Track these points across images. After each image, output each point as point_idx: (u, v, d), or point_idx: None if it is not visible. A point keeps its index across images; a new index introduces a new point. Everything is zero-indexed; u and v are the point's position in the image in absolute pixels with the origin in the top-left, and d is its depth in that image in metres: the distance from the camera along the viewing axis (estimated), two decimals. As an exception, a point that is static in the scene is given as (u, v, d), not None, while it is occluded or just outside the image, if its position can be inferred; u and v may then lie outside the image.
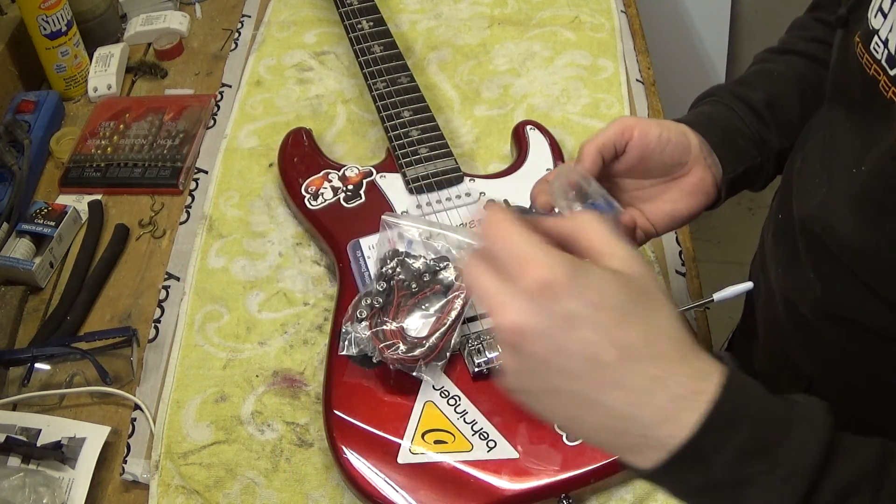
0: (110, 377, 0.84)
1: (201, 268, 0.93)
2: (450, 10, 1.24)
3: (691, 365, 0.44)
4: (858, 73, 0.61)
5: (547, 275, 0.43)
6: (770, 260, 0.76)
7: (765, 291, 0.77)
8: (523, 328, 0.43)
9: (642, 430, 0.43)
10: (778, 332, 0.75)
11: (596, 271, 0.45)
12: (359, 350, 0.76)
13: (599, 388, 0.43)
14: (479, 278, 0.46)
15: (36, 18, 1.08)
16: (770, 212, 0.80)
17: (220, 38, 1.24)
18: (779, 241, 0.74)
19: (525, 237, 0.46)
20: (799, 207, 0.69)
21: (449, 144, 0.95)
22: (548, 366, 0.44)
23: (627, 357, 0.43)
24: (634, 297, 0.44)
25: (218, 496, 0.76)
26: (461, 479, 0.72)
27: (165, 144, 1.06)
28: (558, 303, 0.43)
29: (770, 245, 0.76)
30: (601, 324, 0.43)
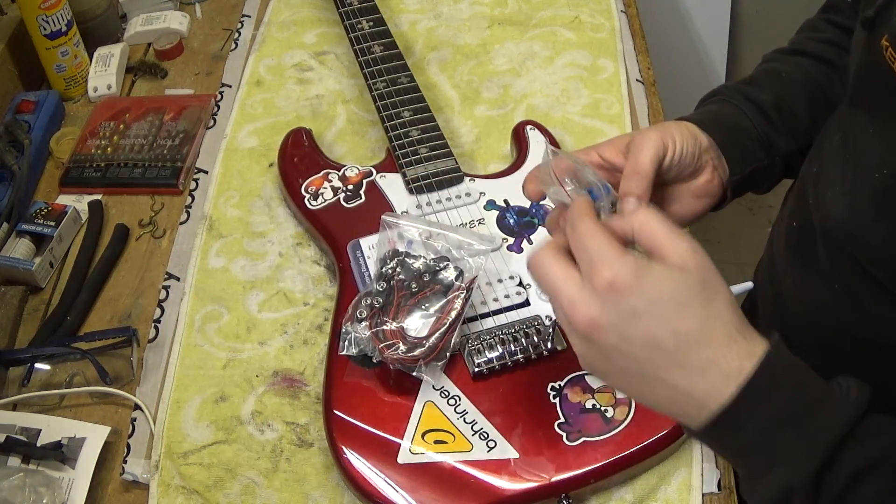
0: (110, 377, 0.84)
1: (201, 268, 0.93)
2: (450, 10, 1.24)
3: (740, 346, 0.50)
4: (886, 75, 0.60)
5: (613, 276, 0.50)
6: (782, 269, 0.75)
7: (774, 300, 0.76)
8: (594, 322, 0.51)
9: (696, 402, 0.50)
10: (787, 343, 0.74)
11: (656, 270, 0.50)
12: (359, 350, 0.76)
13: (661, 370, 0.50)
14: (554, 272, 0.53)
15: (36, 18, 1.08)
16: (780, 219, 0.78)
17: (220, 38, 1.24)
18: (794, 251, 0.73)
19: (601, 236, 0.52)
20: (819, 216, 0.67)
21: (449, 144, 0.95)
22: (617, 352, 0.51)
23: (684, 343, 0.50)
24: (691, 289, 0.50)
25: (218, 496, 0.76)
26: (461, 479, 0.72)
27: (165, 144, 1.06)
28: (623, 300, 0.50)
29: (782, 254, 0.75)
30: (661, 316, 0.50)
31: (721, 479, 0.76)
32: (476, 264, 0.81)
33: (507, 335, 0.79)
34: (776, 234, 0.79)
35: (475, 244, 0.83)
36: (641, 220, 0.54)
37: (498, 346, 0.78)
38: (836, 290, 0.67)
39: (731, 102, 0.76)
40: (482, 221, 0.89)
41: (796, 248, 0.73)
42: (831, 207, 0.66)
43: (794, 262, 0.73)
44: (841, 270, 0.66)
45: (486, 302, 0.82)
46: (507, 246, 0.87)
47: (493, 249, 0.85)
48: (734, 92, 0.78)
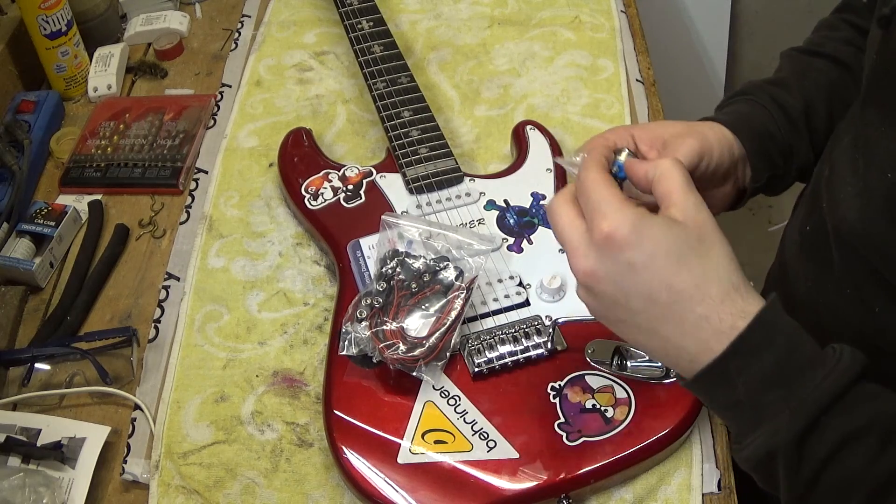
0: (110, 377, 0.84)
1: (201, 268, 0.93)
2: (450, 10, 1.24)
3: (735, 305, 0.51)
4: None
5: (611, 228, 0.51)
6: (795, 273, 0.74)
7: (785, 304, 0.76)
8: (593, 272, 0.53)
9: (688, 356, 0.52)
10: None
11: (656, 223, 0.52)
12: (359, 350, 0.76)
13: (656, 322, 0.52)
14: (562, 220, 0.55)
15: (36, 18, 1.08)
16: (792, 223, 0.78)
17: (220, 38, 1.24)
18: (808, 254, 0.73)
19: (604, 189, 0.53)
20: (833, 219, 0.67)
21: (449, 144, 0.95)
22: (615, 302, 0.53)
23: (678, 299, 0.51)
24: (689, 245, 0.51)
25: (218, 496, 0.76)
26: (461, 479, 0.72)
27: (165, 144, 1.06)
28: (621, 253, 0.51)
29: (795, 257, 0.75)
30: (656, 270, 0.51)
31: (721, 479, 0.76)
32: (476, 264, 0.81)
33: (507, 335, 0.79)
34: (789, 238, 0.79)
35: (475, 244, 0.83)
36: (666, 167, 0.55)
37: (498, 346, 0.78)
38: (847, 294, 0.66)
39: (761, 104, 0.75)
40: (482, 221, 0.89)
41: (810, 251, 0.72)
42: (844, 210, 0.65)
43: (808, 266, 0.73)
44: (853, 274, 0.65)
45: (486, 302, 0.82)
46: (507, 246, 0.87)
47: (493, 249, 0.85)
48: (764, 94, 0.76)
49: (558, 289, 0.82)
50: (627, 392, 0.76)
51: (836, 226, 0.67)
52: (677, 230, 0.52)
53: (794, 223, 0.77)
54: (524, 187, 0.93)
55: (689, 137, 0.66)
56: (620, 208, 0.52)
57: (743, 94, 0.78)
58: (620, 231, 0.51)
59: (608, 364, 0.78)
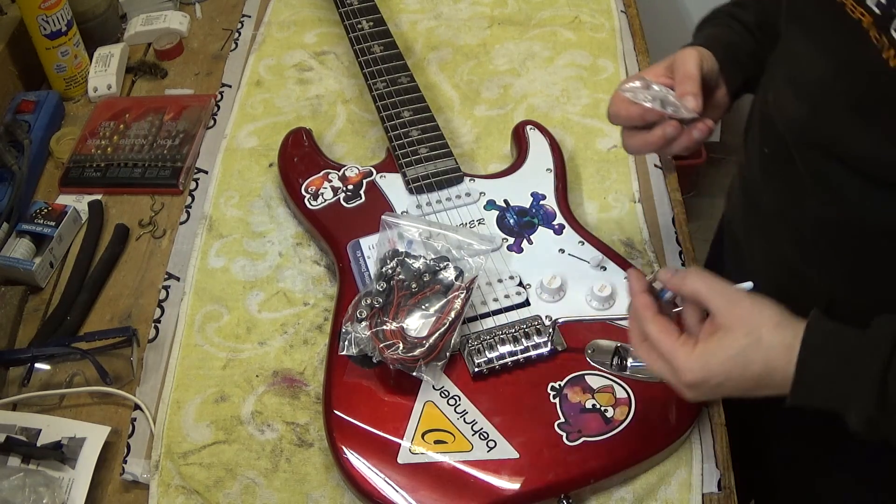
0: (110, 377, 0.84)
1: (201, 268, 0.93)
2: (450, 10, 1.24)
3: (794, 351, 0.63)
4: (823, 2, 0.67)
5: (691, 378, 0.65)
6: (760, 191, 0.82)
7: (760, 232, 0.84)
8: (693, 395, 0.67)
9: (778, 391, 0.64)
10: (783, 260, 0.80)
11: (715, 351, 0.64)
12: (359, 350, 0.76)
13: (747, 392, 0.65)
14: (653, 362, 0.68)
15: (36, 18, 1.08)
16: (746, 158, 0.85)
17: (220, 38, 1.24)
18: (770, 170, 0.80)
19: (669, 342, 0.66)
20: (791, 132, 0.74)
21: (449, 144, 0.95)
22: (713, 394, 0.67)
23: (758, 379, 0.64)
24: (744, 346, 0.63)
25: (218, 496, 0.76)
26: (461, 479, 0.72)
27: (165, 144, 1.06)
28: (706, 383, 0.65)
29: (758, 177, 0.82)
30: (735, 377, 0.64)
31: (721, 479, 0.76)
32: (476, 264, 0.81)
33: (507, 335, 0.79)
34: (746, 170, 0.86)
35: (475, 244, 0.83)
36: (690, 288, 0.68)
37: (498, 346, 0.78)
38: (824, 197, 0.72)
39: (724, 24, 0.88)
40: (482, 221, 0.89)
41: (771, 167, 0.80)
42: (799, 120, 0.73)
43: (776, 184, 0.79)
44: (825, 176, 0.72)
45: (486, 302, 0.82)
46: (507, 246, 0.87)
47: (493, 249, 0.85)
48: (725, 16, 0.89)
49: (558, 289, 0.82)
50: (627, 392, 0.76)
51: (797, 136, 0.74)
52: (730, 342, 0.64)
53: (749, 153, 0.84)
54: (524, 187, 0.93)
55: (684, 51, 0.80)
56: (688, 357, 0.65)
57: (708, 20, 0.91)
58: (697, 376, 0.64)
59: (608, 364, 0.78)
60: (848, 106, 0.68)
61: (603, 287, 0.82)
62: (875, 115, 0.66)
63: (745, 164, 0.87)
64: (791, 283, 0.79)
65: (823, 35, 0.70)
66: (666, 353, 0.66)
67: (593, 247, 0.87)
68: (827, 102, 0.70)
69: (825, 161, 0.71)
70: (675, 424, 0.75)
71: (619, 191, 0.99)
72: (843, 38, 0.67)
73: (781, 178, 0.78)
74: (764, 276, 0.72)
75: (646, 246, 0.93)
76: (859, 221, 0.71)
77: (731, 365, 0.64)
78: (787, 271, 0.80)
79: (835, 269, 0.76)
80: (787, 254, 0.79)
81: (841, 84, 0.68)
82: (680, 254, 0.93)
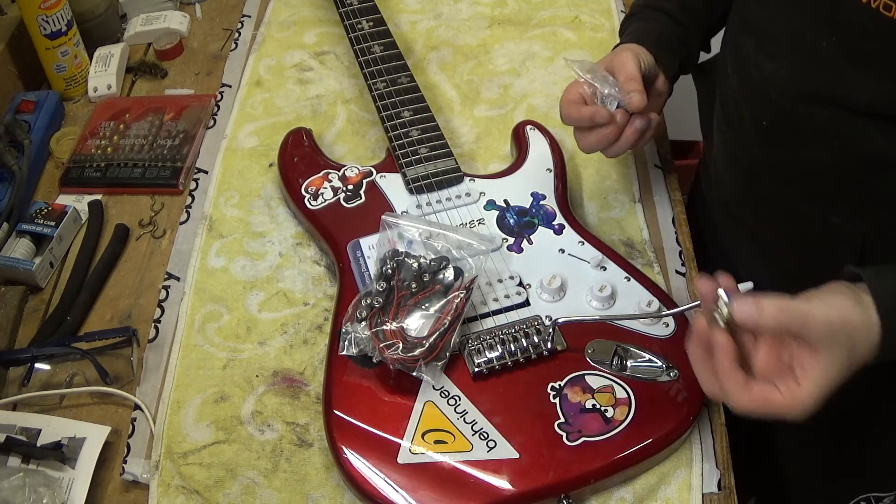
0: (110, 377, 0.84)
1: (201, 268, 0.93)
2: (450, 10, 1.24)
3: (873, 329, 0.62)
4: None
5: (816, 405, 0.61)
6: (767, 173, 0.82)
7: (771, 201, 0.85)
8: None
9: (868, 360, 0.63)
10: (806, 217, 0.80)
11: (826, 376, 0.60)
12: (359, 350, 0.76)
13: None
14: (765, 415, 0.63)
15: (36, 18, 1.08)
16: (734, 138, 0.86)
17: (220, 38, 1.24)
18: (774, 145, 0.80)
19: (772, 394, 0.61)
20: (787, 96, 0.75)
21: (449, 144, 0.95)
22: None
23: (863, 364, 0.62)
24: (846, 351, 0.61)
25: (218, 496, 0.76)
26: (461, 479, 0.72)
27: (165, 144, 1.06)
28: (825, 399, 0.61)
29: (763, 158, 0.82)
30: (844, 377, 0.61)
31: (721, 479, 0.76)
32: (476, 264, 0.81)
33: (507, 335, 0.79)
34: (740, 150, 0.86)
35: (475, 244, 0.83)
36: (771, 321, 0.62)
37: (498, 346, 0.78)
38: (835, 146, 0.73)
39: (648, 17, 0.92)
40: (482, 221, 0.89)
41: (774, 136, 0.80)
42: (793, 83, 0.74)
43: (782, 153, 0.79)
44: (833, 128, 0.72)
45: (486, 302, 0.82)
46: (507, 246, 0.87)
47: (493, 249, 0.85)
48: (647, 9, 0.93)
49: (558, 289, 0.82)
50: (627, 392, 0.76)
51: (798, 101, 0.74)
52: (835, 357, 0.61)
53: (741, 133, 0.85)
54: (524, 187, 0.93)
55: (620, 52, 0.85)
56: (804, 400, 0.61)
57: (631, 16, 0.95)
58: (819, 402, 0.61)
59: (608, 364, 0.78)
60: (841, 59, 0.68)
61: (603, 287, 0.82)
62: (871, 62, 0.66)
63: (733, 145, 0.88)
64: (820, 235, 0.80)
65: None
66: (779, 413, 0.62)
67: (593, 247, 0.87)
68: (819, 61, 0.70)
69: (832, 114, 0.71)
70: (674, 424, 0.75)
71: (619, 191, 0.99)
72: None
73: (787, 145, 0.78)
74: (787, 240, 0.73)
75: (646, 246, 0.93)
76: (880, 161, 0.71)
77: (842, 378, 0.62)
78: (812, 226, 0.80)
79: (863, 211, 0.76)
80: (809, 210, 0.79)
81: (828, 40, 0.68)
82: (680, 254, 0.93)
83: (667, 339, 0.79)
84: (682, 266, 0.92)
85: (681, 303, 0.86)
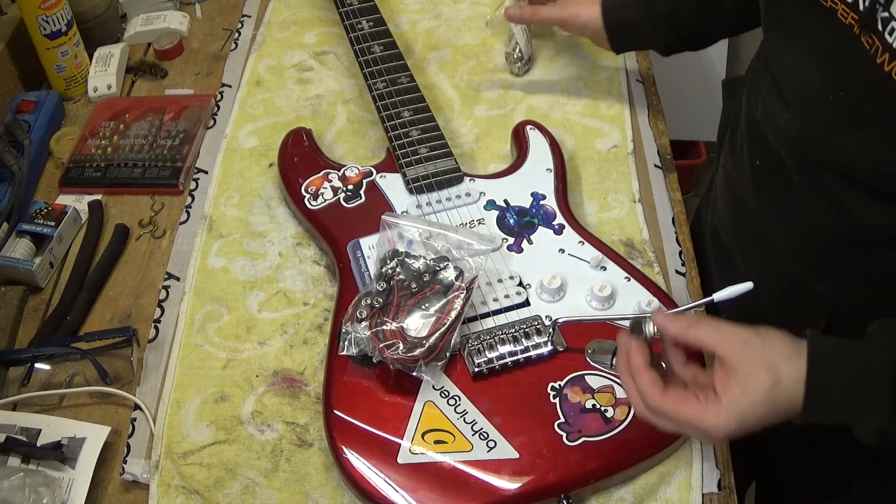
0: (110, 377, 0.84)
1: (201, 268, 0.93)
2: (450, 10, 1.24)
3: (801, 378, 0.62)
4: (810, 7, 0.65)
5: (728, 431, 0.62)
6: (758, 209, 0.80)
7: (755, 242, 0.82)
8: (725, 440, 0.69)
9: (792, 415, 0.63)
10: (782, 268, 0.78)
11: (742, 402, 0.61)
12: (359, 350, 0.76)
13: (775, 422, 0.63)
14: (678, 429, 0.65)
15: (36, 18, 1.08)
16: (733, 166, 0.83)
17: (220, 38, 1.24)
18: (767, 186, 0.78)
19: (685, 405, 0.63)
20: (785, 145, 0.72)
21: (449, 144, 0.95)
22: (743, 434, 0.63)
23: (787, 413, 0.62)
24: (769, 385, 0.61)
25: (218, 496, 0.76)
26: (461, 479, 0.72)
27: (165, 144, 1.06)
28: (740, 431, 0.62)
29: (751, 195, 0.80)
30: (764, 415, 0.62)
31: (721, 479, 0.76)
32: (476, 264, 0.81)
33: (507, 335, 0.79)
34: (734, 178, 0.84)
35: (475, 244, 0.83)
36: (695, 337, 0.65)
37: (498, 346, 0.78)
38: (823, 207, 0.70)
39: (631, 6, 0.95)
40: (482, 221, 0.89)
41: (764, 178, 0.77)
42: (792, 134, 0.71)
43: (771, 198, 0.78)
44: (825, 189, 0.70)
45: (486, 302, 0.82)
46: (507, 246, 0.87)
47: (493, 249, 0.85)
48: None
49: (558, 289, 0.82)
50: (627, 392, 0.76)
51: (791, 150, 0.72)
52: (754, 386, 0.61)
53: (738, 163, 0.83)
54: (524, 187, 0.93)
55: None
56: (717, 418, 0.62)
57: None
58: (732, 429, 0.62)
59: (608, 364, 0.78)
60: (844, 117, 0.65)
61: (603, 287, 0.82)
62: (874, 125, 0.63)
63: (731, 172, 0.85)
64: (792, 290, 0.78)
65: (812, 42, 0.67)
66: (692, 420, 0.63)
67: (593, 247, 0.87)
68: (821, 114, 0.67)
69: (823, 173, 0.69)
70: (675, 424, 0.75)
71: (619, 191, 0.99)
72: (833, 45, 0.64)
73: (776, 190, 0.76)
74: (762, 283, 0.71)
75: (646, 246, 0.93)
76: (862, 230, 0.69)
77: (762, 409, 0.62)
78: (787, 279, 0.79)
79: (837, 277, 0.74)
80: (786, 262, 0.78)
81: (835, 95, 0.65)
82: (680, 254, 0.93)
83: (667, 339, 0.79)
84: (682, 266, 0.92)
85: (681, 303, 0.86)
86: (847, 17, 0.62)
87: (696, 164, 2.03)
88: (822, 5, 0.64)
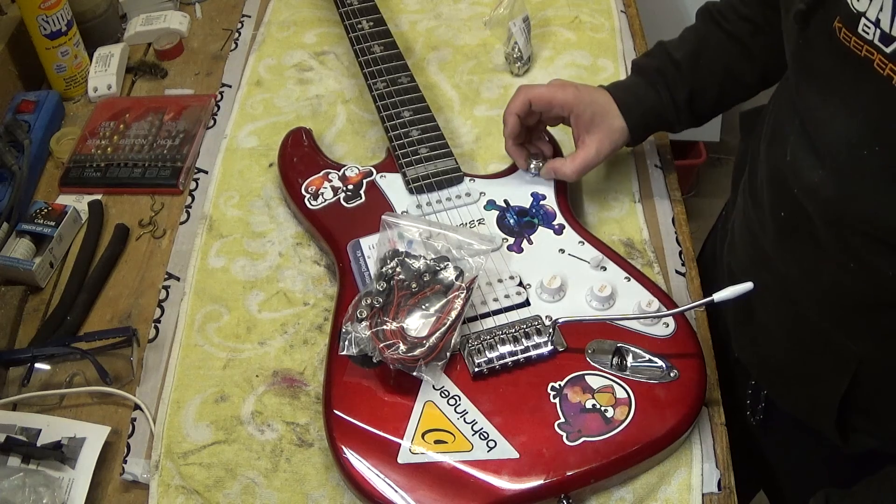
0: (110, 377, 0.84)
1: (201, 268, 0.93)
2: (450, 10, 1.24)
3: None
4: (843, 56, 0.61)
5: None
6: (782, 260, 0.75)
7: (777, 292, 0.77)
8: None
9: None
10: (804, 320, 0.75)
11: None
12: (359, 350, 0.76)
13: None
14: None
15: (36, 18, 1.08)
16: (755, 212, 0.79)
17: (220, 38, 1.24)
18: (791, 240, 0.73)
19: None
20: (813, 202, 0.68)
21: (449, 144, 0.95)
22: None
23: None
24: None
25: (218, 496, 0.76)
26: (461, 479, 0.72)
27: (165, 144, 1.06)
28: None
29: (774, 245, 0.76)
30: None
31: (721, 479, 0.76)
32: (476, 264, 0.81)
33: (507, 335, 0.79)
34: (753, 229, 0.80)
35: (475, 244, 0.83)
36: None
37: (498, 346, 0.78)
38: (851, 267, 0.67)
39: (655, 89, 0.92)
40: (482, 221, 0.89)
41: (788, 231, 0.73)
42: (822, 191, 0.66)
43: (796, 252, 0.73)
44: (854, 249, 0.66)
45: (486, 302, 0.82)
46: (507, 246, 0.87)
47: (493, 249, 0.85)
48: (660, 77, 0.92)
49: (558, 289, 0.82)
50: (627, 392, 0.76)
51: (820, 208, 0.68)
52: None
53: (759, 210, 0.78)
54: (524, 187, 0.93)
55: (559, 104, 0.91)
56: None
57: (641, 72, 0.94)
58: None
59: (608, 364, 0.78)
60: (880, 173, 0.61)
61: (603, 287, 0.82)
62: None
63: (752, 220, 0.80)
64: (815, 343, 0.75)
65: (847, 95, 0.63)
66: None
67: (593, 247, 0.87)
68: (857, 170, 0.63)
69: (854, 235, 0.65)
70: (674, 424, 0.75)
71: (619, 191, 0.99)
72: (870, 96, 0.60)
73: (801, 245, 0.72)
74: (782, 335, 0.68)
75: (646, 246, 0.93)
76: (893, 291, 0.65)
77: None
78: (809, 332, 0.75)
79: (865, 334, 0.71)
80: (809, 315, 0.74)
81: (870, 149, 0.61)
82: (680, 254, 0.93)
83: (667, 339, 0.79)
84: (682, 266, 0.92)
85: (681, 303, 0.86)
86: (885, 68, 0.58)
87: (696, 164, 2.04)
88: (856, 55, 0.60)
